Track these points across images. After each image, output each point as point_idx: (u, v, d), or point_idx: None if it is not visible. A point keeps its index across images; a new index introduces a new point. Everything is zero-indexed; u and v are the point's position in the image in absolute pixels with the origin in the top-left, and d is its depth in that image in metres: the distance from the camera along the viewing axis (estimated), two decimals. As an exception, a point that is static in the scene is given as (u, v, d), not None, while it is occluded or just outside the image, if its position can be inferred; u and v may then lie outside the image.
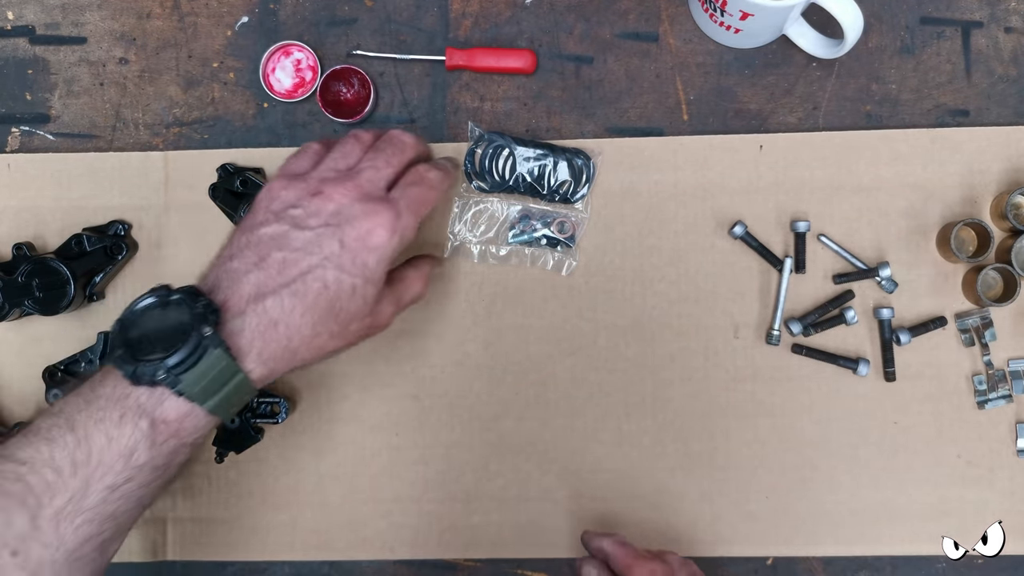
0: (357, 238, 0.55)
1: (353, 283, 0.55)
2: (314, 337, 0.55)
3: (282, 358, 0.54)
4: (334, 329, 0.56)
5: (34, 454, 0.49)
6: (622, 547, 0.61)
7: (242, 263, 0.55)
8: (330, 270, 0.54)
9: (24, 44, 0.75)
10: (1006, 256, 0.69)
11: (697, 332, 0.71)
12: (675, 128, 0.73)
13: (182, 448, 0.52)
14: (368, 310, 0.57)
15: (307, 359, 0.56)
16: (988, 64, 0.72)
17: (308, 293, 0.54)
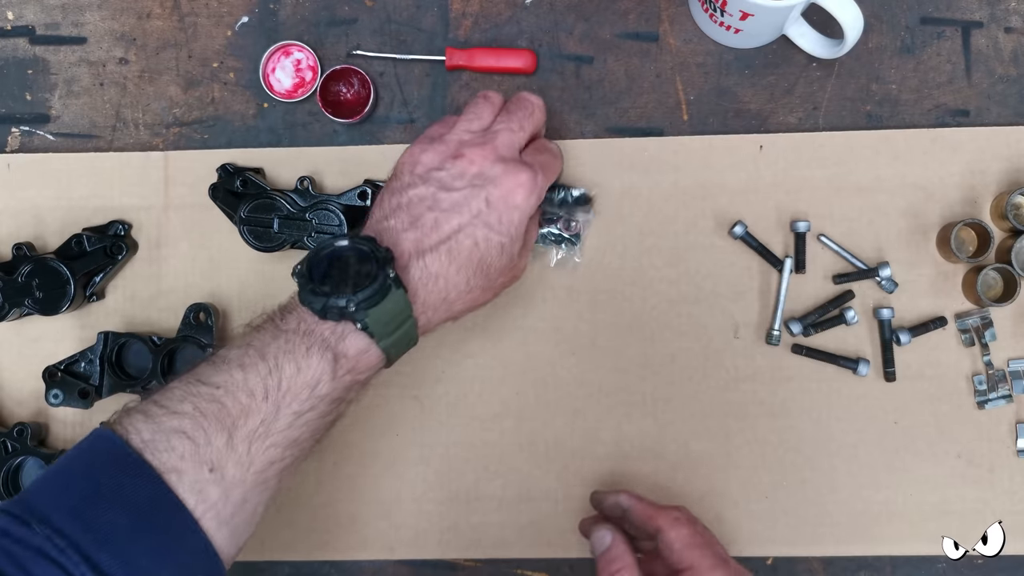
0: (501, 197, 0.59)
1: (501, 241, 0.59)
2: (468, 291, 0.59)
3: (440, 308, 0.59)
4: (484, 283, 0.60)
5: (228, 379, 0.52)
6: (639, 500, 0.62)
7: (398, 222, 0.59)
8: (480, 228, 0.58)
9: (24, 44, 0.75)
10: (1006, 256, 0.69)
11: (697, 332, 0.71)
12: (675, 128, 0.73)
13: (355, 384, 0.56)
14: (512, 264, 0.61)
15: (460, 311, 0.60)
16: (988, 64, 0.72)
17: (462, 250, 0.58)
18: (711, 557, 0.58)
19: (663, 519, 0.59)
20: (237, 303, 0.73)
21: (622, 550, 0.59)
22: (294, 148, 0.73)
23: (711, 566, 0.57)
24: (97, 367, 0.70)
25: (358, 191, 0.70)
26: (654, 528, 0.59)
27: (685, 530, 0.59)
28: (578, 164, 0.72)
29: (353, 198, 0.70)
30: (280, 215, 0.69)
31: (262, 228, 0.69)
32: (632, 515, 0.61)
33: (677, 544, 0.58)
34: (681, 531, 0.58)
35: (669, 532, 0.58)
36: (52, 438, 0.73)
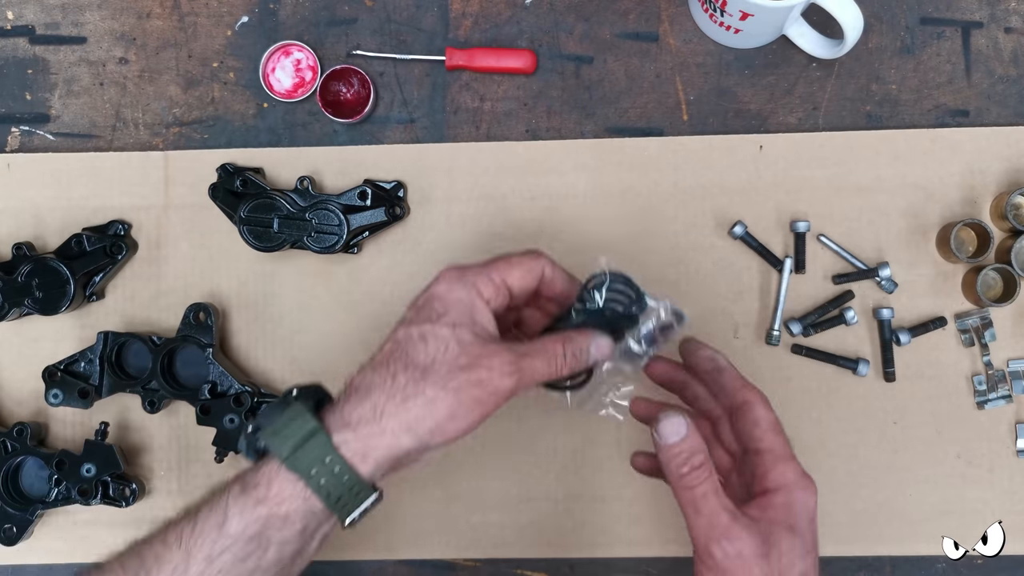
0: (424, 291, 0.56)
1: (420, 330, 0.53)
2: (406, 396, 0.51)
3: (374, 421, 0.51)
4: (427, 385, 0.51)
5: (156, 531, 0.52)
6: (727, 366, 0.58)
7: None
8: (399, 327, 0.54)
9: (24, 44, 0.75)
10: (1006, 256, 0.69)
11: (697, 332, 0.71)
12: (675, 128, 0.73)
13: (274, 520, 0.50)
14: (471, 359, 0.52)
15: (424, 430, 0.51)
16: (988, 64, 0.72)
17: (382, 351, 0.54)
18: (789, 448, 0.55)
19: (755, 393, 0.56)
20: (237, 303, 0.73)
21: (699, 442, 0.53)
22: (294, 148, 0.73)
23: (788, 456, 0.55)
24: (97, 367, 0.70)
25: (358, 191, 0.70)
26: (741, 400, 0.56)
27: (772, 414, 0.56)
28: (578, 164, 0.72)
29: (353, 198, 0.70)
30: (280, 215, 0.69)
31: (262, 228, 0.69)
32: (725, 378, 0.57)
33: (764, 423, 0.55)
34: (770, 413, 0.56)
35: (758, 409, 0.55)
36: (52, 438, 0.73)
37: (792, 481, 0.53)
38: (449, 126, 0.73)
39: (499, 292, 0.55)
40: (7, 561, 0.72)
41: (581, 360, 0.56)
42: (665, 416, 0.53)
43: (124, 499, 0.70)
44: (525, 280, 0.56)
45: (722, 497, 0.52)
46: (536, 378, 0.54)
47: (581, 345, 0.56)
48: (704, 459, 0.53)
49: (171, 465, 0.72)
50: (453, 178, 0.72)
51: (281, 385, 0.72)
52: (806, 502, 0.53)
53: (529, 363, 0.53)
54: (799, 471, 0.54)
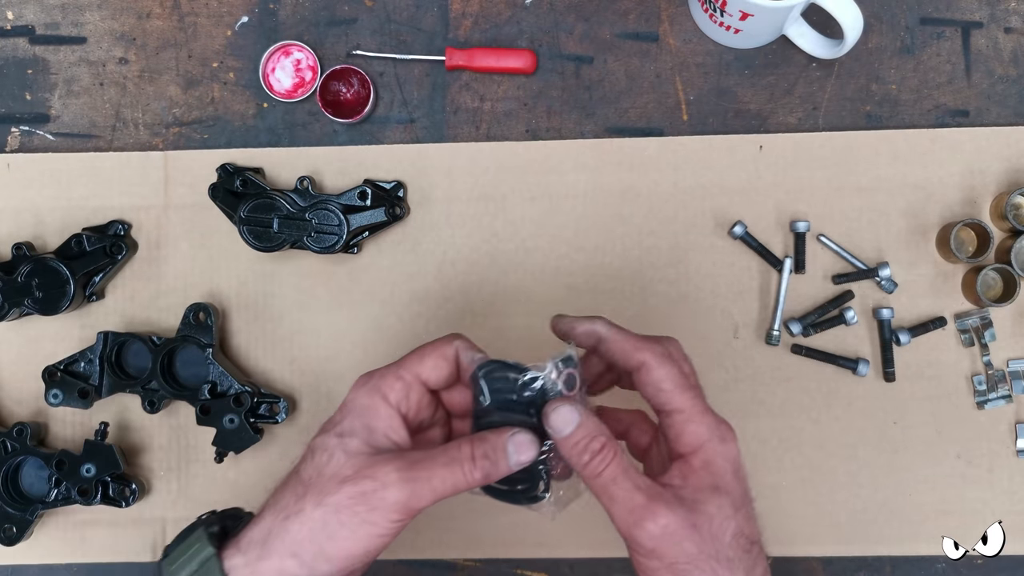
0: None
1: (311, 443, 0.50)
2: (298, 510, 0.48)
3: (268, 539, 0.49)
4: (308, 499, 0.48)
5: None
6: (619, 329, 0.52)
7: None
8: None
9: (24, 44, 0.75)
10: (1006, 256, 0.69)
11: (697, 332, 0.71)
12: (675, 128, 0.73)
13: None
14: (344, 470, 0.48)
15: (307, 550, 0.48)
16: (988, 64, 0.72)
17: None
18: (702, 402, 0.50)
19: (649, 352, 0.50)
20: (237, 303, 0.73)
21: (595, 423, 0.49)
22: (294, 148, 0.73)
23: (699, 411, 0.49)
24: (97, 367, 0.70)
25: (358, 191, 0.70)
26: (636, 363, 0.50)
27: (675, 368, 0.50)
28: (578, 164, 0.72)
29: (353, 198, 0.70)
30: (280, 215, 0.69)
31: (262, 228, 0.69)
32: (609, 347, 0.51)
33: (666, 382, 0.49)
34: (671, 368, 0.50)
35: (655, 369, 0.50)
36: (51, 438, 0.73)
37: (706, 437, 0.49)
38: (449, 126, 0.73)
39: (411, 389, 0.51)
40: (7, 561, 0.72)
41: (499, 464, 0.49)
42: (554, 409, 0.49)
43: (124, 499, 0.70)
44: (440, 370, 0.51)
45: (634, 476, 0.48)
46: (439, 488, 0.48)
47: (495, 445, 0.49)
48: (604, 442, 0.48)
49: (171, 465, 0.72)
50: (453, 178, 0.72)
51: (281, 385, 0.72)
52: (725, 454, 0.49)
53: (426, 472, 0.48)
54: (712, 423, 0.49)
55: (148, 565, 0.72)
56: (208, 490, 0.72)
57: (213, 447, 0.69)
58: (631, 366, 0.51)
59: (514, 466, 0.49)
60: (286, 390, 0.72)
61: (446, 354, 0.52)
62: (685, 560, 0.47)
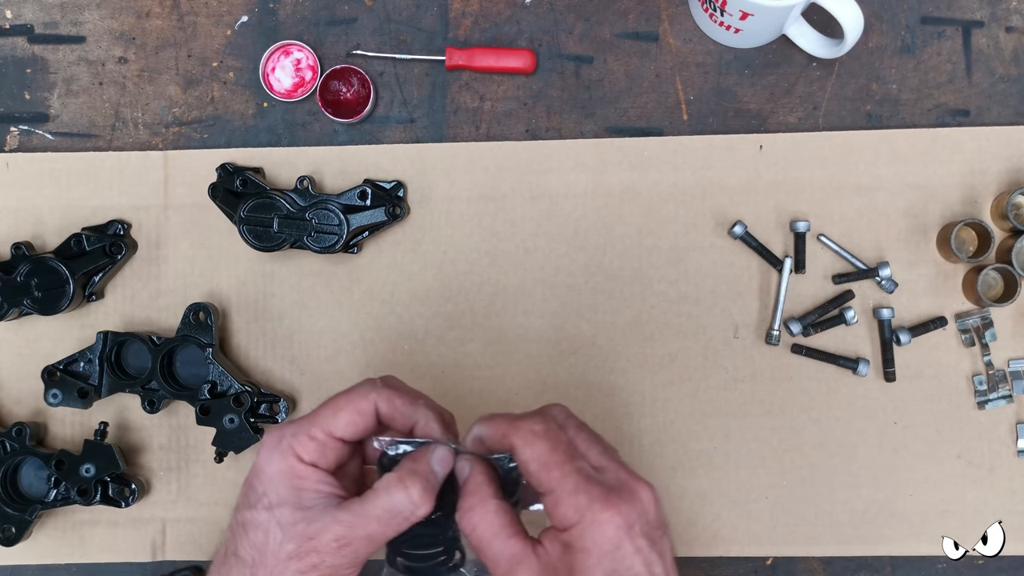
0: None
1: (243, 517, 0.49)
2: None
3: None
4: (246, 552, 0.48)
5: None
6: (492, 419, 0.50)
7: None
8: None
9: (23, 43, 0.75)
10: (1006, 256, 0.69)
11: (697, 332, 0.71)
12: (675, 128, 0.73)
13: None
14: (250, 500, 0.48)
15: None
16: (989, 64, 0.72)
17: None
18: (574, 476, 0.47)
19: (517, 436, 0.48)
20: (236, 303, 0.73)
21: (478, 481, 0.49)
22: (294, 148, 0.73)
23: (573, 489, 0.46)
24: (96, 367, 0.70)
25: (358, 191, 0.70)
26: (508, 448, 0.49)
27: (542, 445, 0.47)
28: (578, 164, 0.72)
29: (353, 198, 0.70)
30: (280, 215, 0.69)
31: (262, 228, 0.69)
32: (487, 443, 0.50)
33: (533, 465, 0.47)
34: (537, 448, 0.47)
35: (523, 452, 0.48)
36: (51, 438, 0.73)
37: (573, 521, 0.46)
38: (449, 126, 0.73)
39: (326, 447, 0.49)
40: (6, 561, 0.72)
41: (431, 481, 0.49)
42: (432, 451, 0.49)
43: (124, 499, 0.70)
44: (356, 425, 0.49)
45: (503, 541, 0.47)
46: (385, 529, 0.48)
47: (420, 467, 0.49)
48: (474, 502, 0.48)
49: (171, 465, 0.72)
50: (453, 178, 0.72)
51: (281, 385, 0.72)
52: (596, 538, 0.46)
53: (366, 520, 0.47)
54: (583, 503, 0.46)
55: (148, 565, 0.72)
56: (208, 490, 0.72)
57: (213, 447, 0.69)
58: (507, 451, 0.49)
59: (442, 476, 0.49)
60: (286, 390, 0.72)
61: (362, 409, 0.50)
62: None
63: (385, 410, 0.50)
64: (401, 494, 0.48)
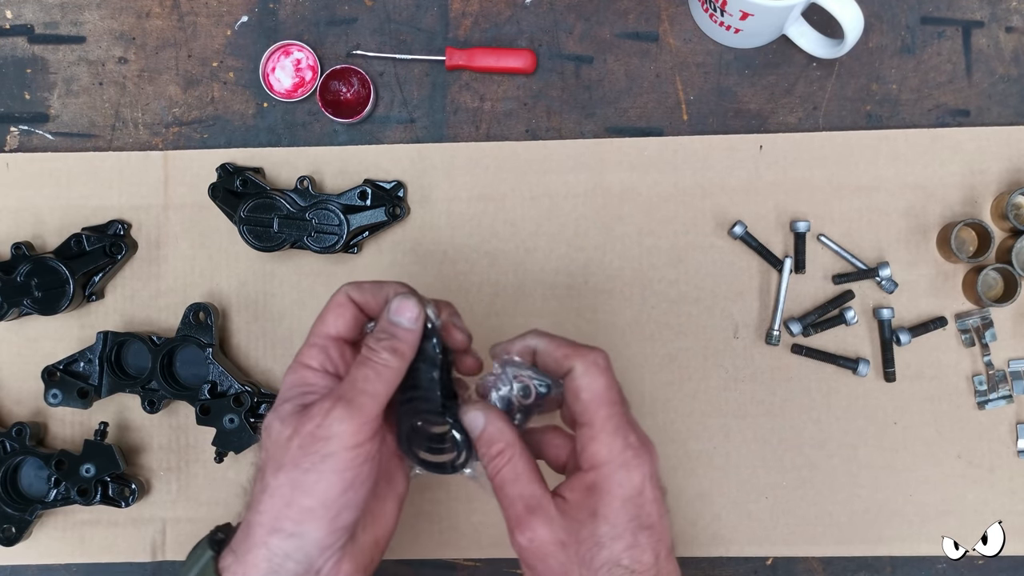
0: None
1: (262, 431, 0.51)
2: (257, 505, 0.49)
3: (252, 532, 0.49)
4: (277, 480, 0.48)
5: None
6: (552, 337, 0.51)
7: None
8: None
9: (23, 43, 0.75)
10: (1006, 256, 0.69)
11: (697, 332, 0.71)
12: (675, 128, 0.73)
13: None
14: (282, 438, 0.49)
15: (263, 539, 0.48)
16: (989, 64, 0.72)
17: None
18: (615, 420, 0.48)
19: (579, 359, 0.49)
20: (237, 303, 0.73)
21: (498, 427, 0.50)
22: (294, 148, 0.73)
23: (613, 429, 0.48)
24: (96, 367, 0.70)
25: (358, 191, 0.70)
26: (566, 369, 0.50)
27: (601, 380, 0.49)
28: (578, 164, 0.72)
29: (353, 198, 0.70)
30: (280, 215, 0.69)
31: (262, 228, 0.69)
32: (542, 356, 0.51)
33: (584, 393, 0.48)
34: (595, 379, 0.49)
35: (580, 377, 0.49)
36: (51, 438, 0.73)
37: (603, 460, 0.48)
38: (449, 126, 0.73)
39: (326, 349, 0.52)
40: (7, 561, 0.72)
41: (394, 332, 0.50)
42: (464, 412, 0.50)
43: (124, 499, 0.70)
44: (343, 320, 0.52)
45: (523, 484, 0.49)
46: (368, 390, 0.49)
47: (380, 324, 0.51)
48: (502, 447, 0.49)
49: (171, 465, 0.72)
50: (453, 178, 0.72)
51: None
52: (622, 481, 0.48)
53: (348, 385, 0.49)
54: (619, 447, 0.48)
55: (148, 565, 0.72)
56: (208, 490, 0.72)
57: (213, 447, 0.69)
58: (561, 374, 0.51)
59: (403, 323, 0.50)
60: (286, 390, 0.72)
61: (340, 302, 0.53)
62: (549, 574, 0.48)
63: (357, 297, 0.53)
64: (375, 366, 0.49)
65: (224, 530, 0.53)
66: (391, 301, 0.51)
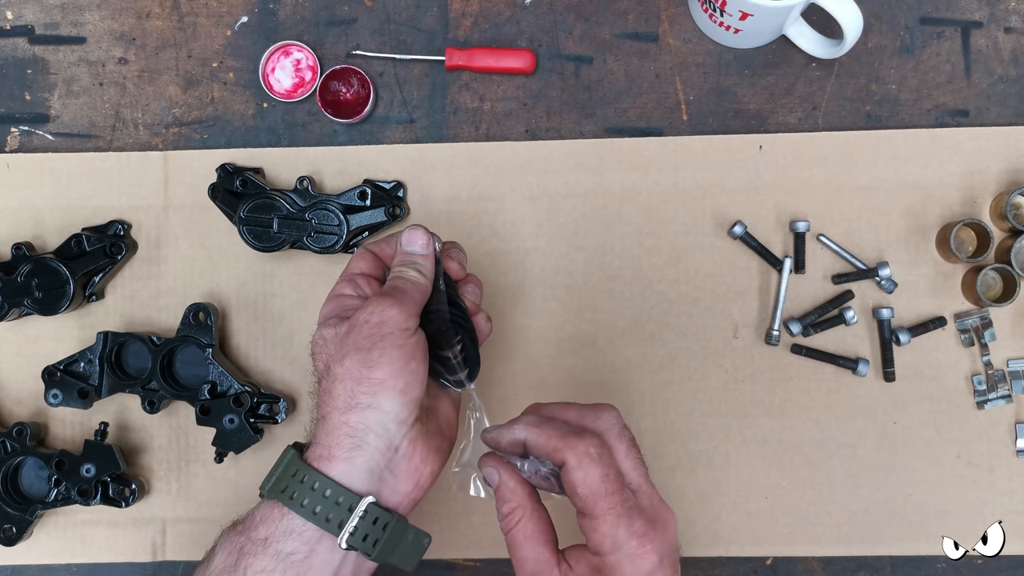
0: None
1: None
2: (329, 393, 0.53)
3: (334, 430, 0.52)
4: (341, 366, 0.53)
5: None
6: (540, 426, 0.51)
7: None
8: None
9: (23, 44, 0.75)
10: (1006, 256, 0.69)
11: (697, 332, 0.71)
12: (675, 128, 0.73)
13: (251, 546, 0.50)
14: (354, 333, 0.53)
15: (341, 420, 0.52)
16: (988, 64, 0.72)
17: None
18: (618, 508, 0.48)
19: (570, 452, 0.49)
20: (236, 303, 0.73)
21: (512, 487, 0.51)
22: (294, 148, 0.73)
23: (615, 520, 0.48)
24: (96, 367, 0.70)
25: (358, 191, 0.70)
26: (558, 462, 0.50)
27: (595, 471, 0.48)
28: (578, 164, 0.72)
29: (353, 198, 0.70)
30: (280, 215, 0.69)
31: (262, 228, 0.69)
32: (532, 449, 0.51)
33: (582, 489, 0.48)
34: (590, 472, 0.48)
35: (574, 472, 0.48)
36: (51, 438, 0.73)
37: (609, 550, 0.48)
38: (449, 126, 0.73)
39: (355, 280, 0.58)
40: (7, 561, 0.72)
41: (416, 259, 0.56)
42: (482, 466, 0.53)
43: (124, 499, 0.70)
44: (365, 262, 0.59)
45: (531, 547, 0.50)
46: (409, 291, 0.54)
47: (401, 255, 0.57)
48: (514, 507, 0.51)
49: (171, 465, 0.72)
50: (453, 178, 0.72)
51: (281, 385, 0.72)
52: (629, 571, 0.48)
53: (390, 288, 0.54)
54: (622, 536, 0.48)
55: (148, 565, 0.72)
56: (208, 490, 0.72)
57: (213, 447, 0.69)
58: (556, 463, 0.51)
59: (416, 249, 0.57)
60: (286, 390, 0.72)
61: (362, 253, 0.60)
62: None
63: (374, 247, 0.60)
64: (403, 275, 0.56)
65: (303, 441, 0.56)
66: (402, 234, 0.57)
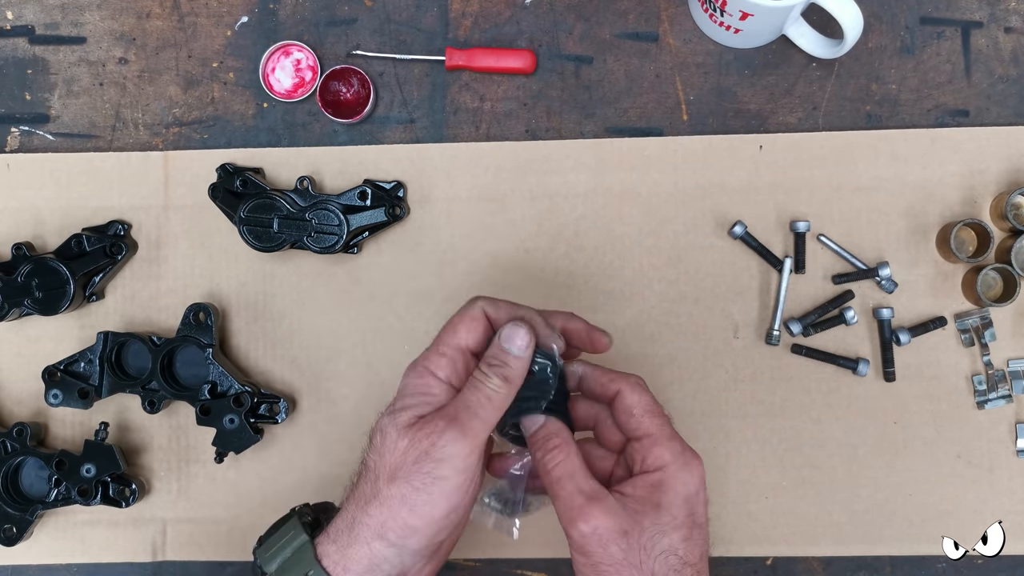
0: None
1: (373, 428, 0.54)
2: (366, 506, 0.52)
3: (355, 524, 0.52)
4: (377, 478, 0.52)
5: None
6: (595, 365, 0.56)
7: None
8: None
9: (23, 44, 0.75)
10: (1006, 256, 0.69)
11: (697, 332, 0.71)
12: (675, 128, 0.73)
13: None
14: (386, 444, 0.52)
15: (367, 537, 0.52)
16: (988, 64, 0.72)
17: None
18: (669, 429, 0.54)
19: (624, 382, 0.54)
20: (236, 303, 0.73)
21: (558, 427, 0.54)
22: (294, 148, 0.73)
23: (667, 436, 0.53)
24: (97, 367, 0.70)
25: (358, 191, 0.70)
26: (613, 392, 0.54)
27: (647, 396, 0.54)
28: (578, 164, 0.72)
29: (353, 198, 0.70)
30: (280, 215, 0.69)
31: (262, 228, 0.69)
32: (588, 381, 0.56)
33: (637, 409, 0.53)
34: (643, 396, 0.54)
35: (630, 396, 0.54)
36: (51, 438, 0.73)
37: (668, 461, 0.52)
38: (449, 126, 0.73)
39: (455, 360, 0.54)
40: (7, 561, 0.72)
41: (505, 359, 0.53)
42: (526, 416, 0.54)
43: (124, 499, 0.70)
44: (474, 332, 0.55)
45: (580, 480, 0.51)
46: (480, 413, 0.52)
47: (492, 350, 0.54)
48: (559, 442, 0.52)
49: (171, 465, 0.72)
50: (453, 178, 0.72)
51: (281, 385, 0.72)
52: (684, 479, 0.52)
53: (462, 405, 0.52)
54: (677, 450, 0.53)
55: (148, 565, 0.72)
56: (208, 490, 0.72)
57: (213, 447, 0.69)
58: (608, 396, 0.55)
59: (513, 351, 0.53)
60: (286, 390, 0.72)
61: (475, 316, 0.55)
62: (608, 562, 0.50)
63: (492, 313, 0.55)
64: (485, 390, 0.52)
65: (309, 511, 0.56)
66: (502, 328, 0.54)
